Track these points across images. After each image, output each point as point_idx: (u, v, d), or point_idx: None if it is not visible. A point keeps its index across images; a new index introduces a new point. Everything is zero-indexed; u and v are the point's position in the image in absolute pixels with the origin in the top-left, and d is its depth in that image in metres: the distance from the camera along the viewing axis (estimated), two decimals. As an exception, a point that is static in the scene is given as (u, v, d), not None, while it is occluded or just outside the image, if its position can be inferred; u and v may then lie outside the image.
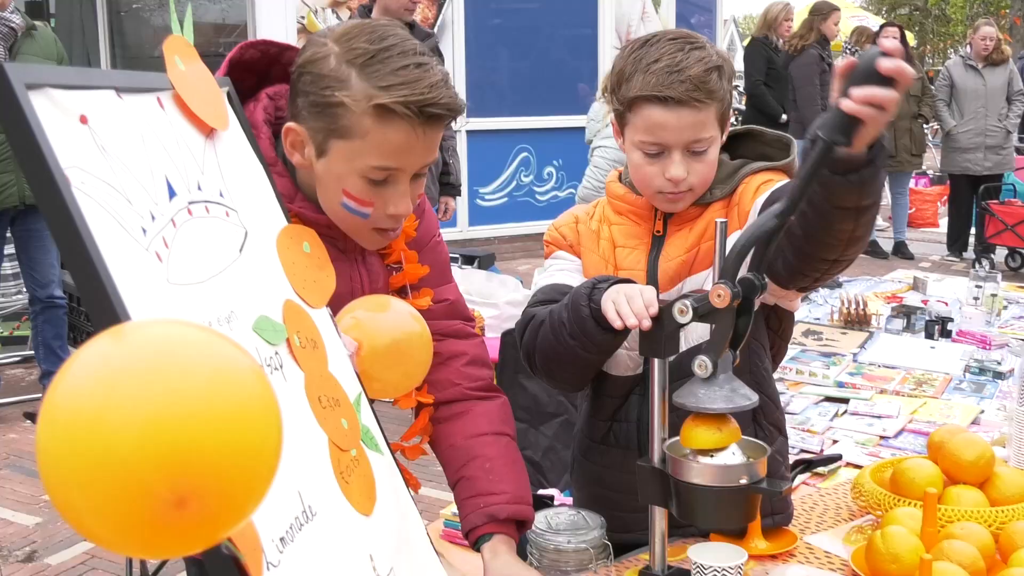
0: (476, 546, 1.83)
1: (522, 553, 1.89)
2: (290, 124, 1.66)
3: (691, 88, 1.84)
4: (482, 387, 1.97)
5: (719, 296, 1.59)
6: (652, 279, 1.97)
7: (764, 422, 2.04)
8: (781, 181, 1.94)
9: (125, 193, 1.04)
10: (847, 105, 1.46)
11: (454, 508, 3.90)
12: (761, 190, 1.94)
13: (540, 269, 5.93)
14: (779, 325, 2.11)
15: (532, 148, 9.88)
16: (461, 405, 1.94)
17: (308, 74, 1.63)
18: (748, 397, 1.63)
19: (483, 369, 1.98)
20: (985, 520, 1.98)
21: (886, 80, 1.44)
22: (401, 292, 1.88)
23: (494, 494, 1.84)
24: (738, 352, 1.67)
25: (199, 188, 1.20)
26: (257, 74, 1.75)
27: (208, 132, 1.28)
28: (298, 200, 1.71)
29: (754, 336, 2.01)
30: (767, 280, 1.84)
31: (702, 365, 1.62)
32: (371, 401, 1.55)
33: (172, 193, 1.14)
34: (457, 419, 1.93)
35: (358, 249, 1.80)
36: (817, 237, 1.68)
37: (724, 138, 1.97)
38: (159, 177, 1.12)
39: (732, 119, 2.01)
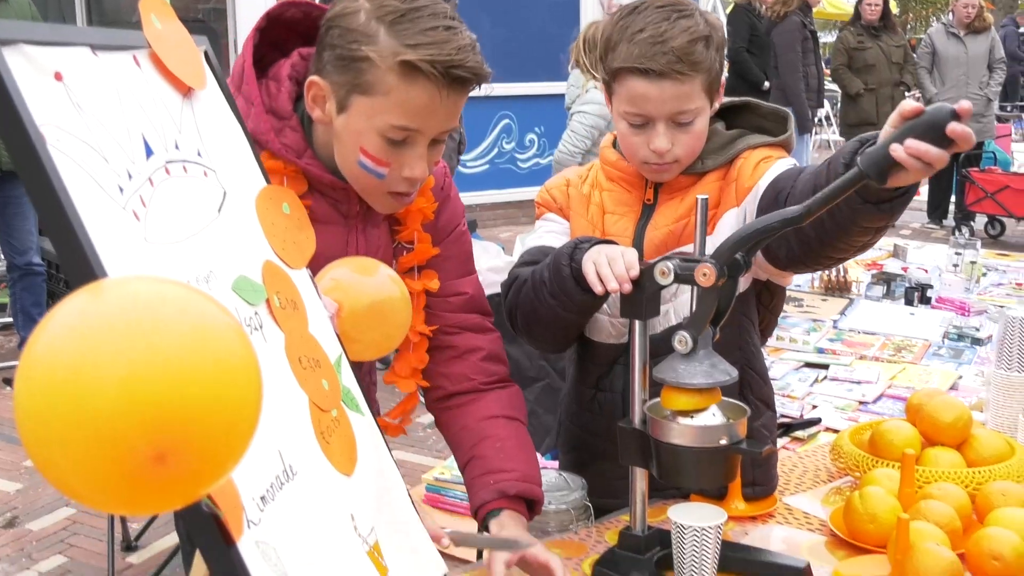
0: (484, 523, 1.82)
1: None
2: (313, 77, 1.65)
3: (674, 60, 1.82)
4: (495, 381, 1.96)
5: (704, 275, 1.59)
6: (638, 248, 1.96)
7: (751, 396, 2.04)
8: (781, 159, 1.94)
9: (101, 151, 1.03)
10: (897, 152, 1.42)
11: (436, 473, 3.93)
12: (761, 167, 1.92)
13: (522, 236, 5.91)
14: (771, 300, 2.11)
15: (514, 115, 9.86)
16: (473, 395, 1.94)
17: (336, 28, 1.62)
18: (728, 372, 1.63)
19: (498, 365, 1.97)
20: (962, 481, 2.00)
21: (946, 139, 1.40)
22: (409, 273, 1.87)
23: (504, 471, 1.83)
24: (718, 328, 1.67)
25: (176, 147, 1.19)
26: (301, 35, 1.75)
27: (185, 91, 1.27)
28: (306, 156, 1.70)
29: (744, 313, 2.02)
30: (763, 260, 1.86)
31: (682, 340, 1.63)
32: (352, 363, 1.55)
33: (149, 152, 1.13)
34: (469, 404, 1.93)
35: (360, 216, 1.79)
36: (831, 243, 1.70)
37: (716, 106, 1.95)
38: (136, 135, 1.11)
39: None
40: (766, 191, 1.85)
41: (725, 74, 1.93)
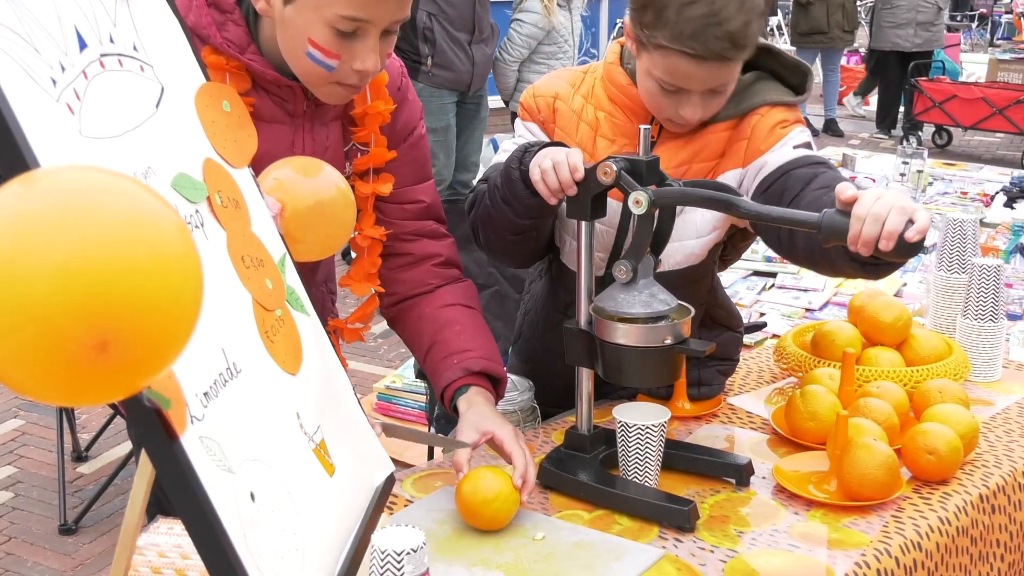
0: (452, 402, 1.83)
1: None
2: None
3: (727, 46, 1.69)
4: (451, 281, 1.96)
5: (637, 202, 1.61)
6: None
7: (710, 323, 2.10)
8: (798, 128, 1.89)
9: (32, 42, 1.00)
10: (863, 249, 1.48)
11: (387, 382, 3.94)
12: (777, 133, 1.87)
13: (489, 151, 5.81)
14: (743, 240, 2.13)
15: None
16: (428, 294, 1.94)
17: None
18: (667, 303, 1.66)
19: (454, 269, 1.98)
20: (900, 379, 2.04)
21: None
22: (363, 176, 1.85)
23: (468, 351, 1.85)
24: (659, 257, 1.69)
25: (111, 41, 1.16)
26: None
27: (120, -16, 1.24)
28: (249, 52, 1.67)
29: (712, 257, 2.03)
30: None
31: (622, 270, 1.64)
32: (305, 270, 1.54)
33: (83, 44, 1.10)
34: (424, 297, 1.93)
35: (306, 115, 1.75)
36: (827, 271, 1.77)
37: None
38: (68, 27, 1.08)
39: None
40: (774, 176, 1.81)
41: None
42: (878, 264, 1.60)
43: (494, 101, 8.27)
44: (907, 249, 1.46)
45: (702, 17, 1.67)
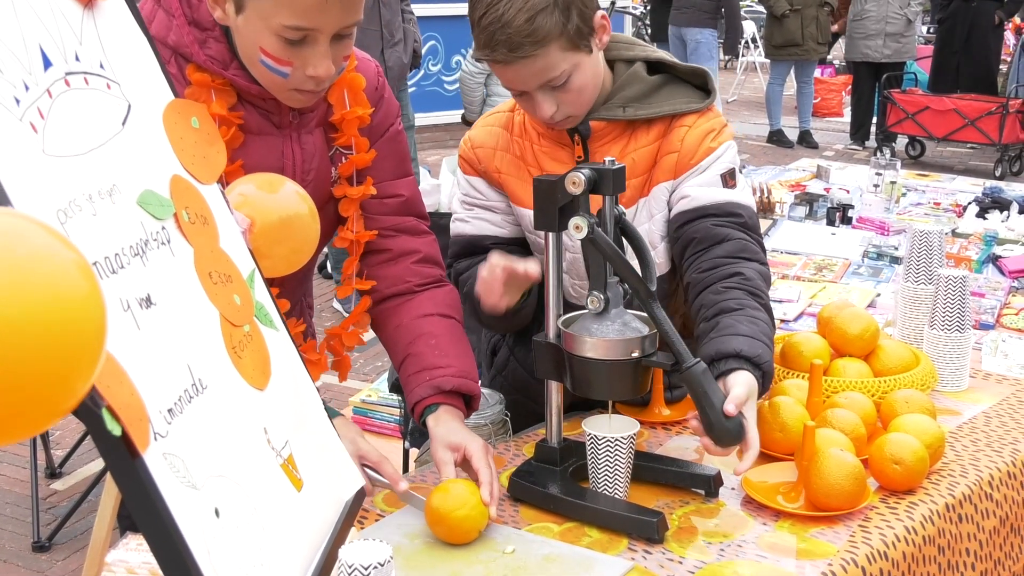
0: (422, 419, 1.84)
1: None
2: None
3: (514, 46, 1.76)
4: (431, 282, 1.97)
5: (577, 228, 1.64)
6: None
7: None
8: (728, 142, 1.96)
9: (-5, 61, 1.01)
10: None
11: (363, 396, 3.93)
12: (708, 145, 1.93)
13: (448, 160, 5.80)
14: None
15: (440, 36, 9.72)
16: (407, 296, 1.95)
17: None
18: (639, 330, 1.68)
19: (434, 268, 1.98)
20: (868, 390, 2.06)
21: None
22: (350, 180, 1.87)
23: (440, 367, 1.85)
24: (627, 287, 1.71)
25: (77, 59, 1.17)
26: None
27: (86, 2, 1.24)
28: (233, 67, 1.69)
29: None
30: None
31: (594, 300, 1.67)
32: (265, 279, 1.54)
33: (47, 63, 1.10)
34: (403, 304, 1.94)
35: (293, 126, 1.78)
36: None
37: (604, 41, 1.88)
38: (33, 46, 1.09)
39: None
40: (692, 215, 1.90)
41: (601, 11, 1.85)
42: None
43: (423, 118, 8.22)
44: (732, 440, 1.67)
45: (489, 26, 1.77)
